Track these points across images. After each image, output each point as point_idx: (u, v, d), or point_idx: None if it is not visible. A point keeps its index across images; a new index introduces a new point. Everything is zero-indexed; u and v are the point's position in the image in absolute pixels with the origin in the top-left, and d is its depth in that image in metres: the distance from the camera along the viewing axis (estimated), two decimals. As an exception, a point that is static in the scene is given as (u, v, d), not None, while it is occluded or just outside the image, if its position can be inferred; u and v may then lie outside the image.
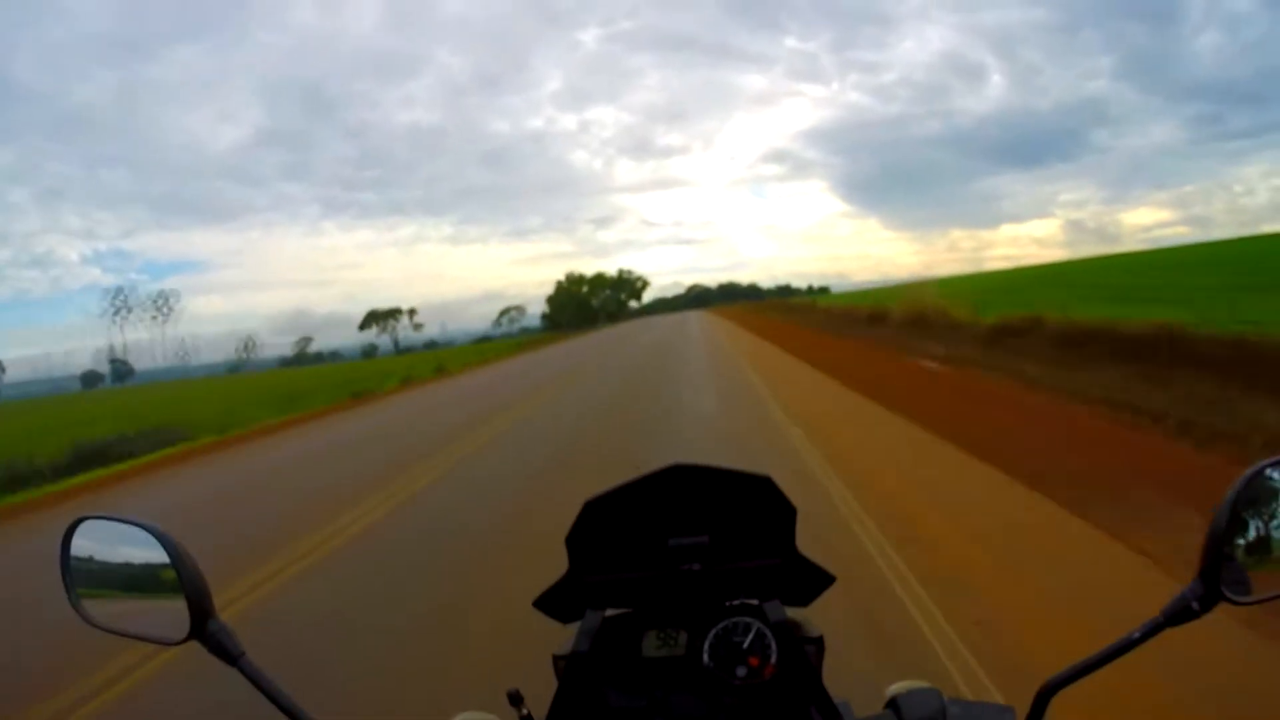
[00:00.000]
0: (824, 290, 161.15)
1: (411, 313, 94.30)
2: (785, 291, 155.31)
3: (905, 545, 3.66)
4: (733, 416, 8.73)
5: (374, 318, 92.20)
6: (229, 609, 3.71)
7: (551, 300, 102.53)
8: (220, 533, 5.74)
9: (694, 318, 59.77)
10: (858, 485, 4.85)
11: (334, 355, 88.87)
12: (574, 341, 45.54)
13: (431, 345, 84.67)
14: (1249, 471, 0.63)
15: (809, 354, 15.39)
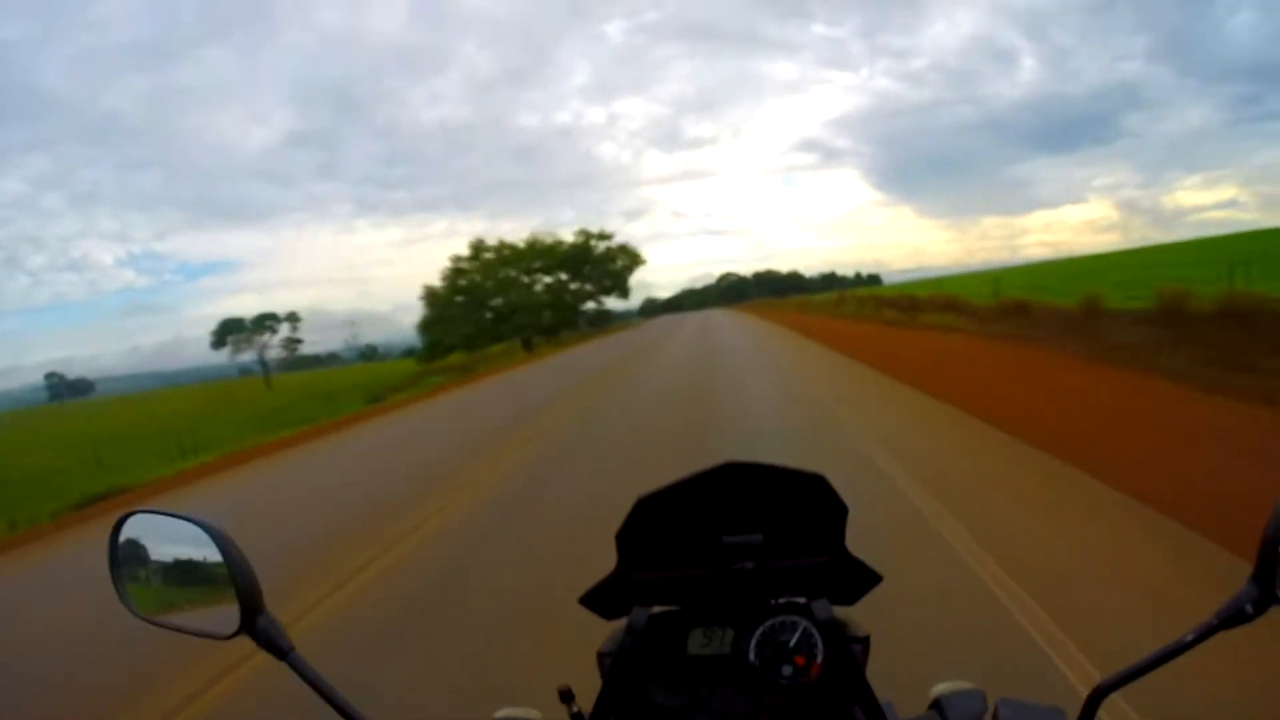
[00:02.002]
0: (874, 279, 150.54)
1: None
2: (830, 281, 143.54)
3: None
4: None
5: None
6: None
7: (437, 297, 50.40)
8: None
9: (722, 328, 33.86)
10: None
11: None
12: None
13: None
14: None
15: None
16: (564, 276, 55.87)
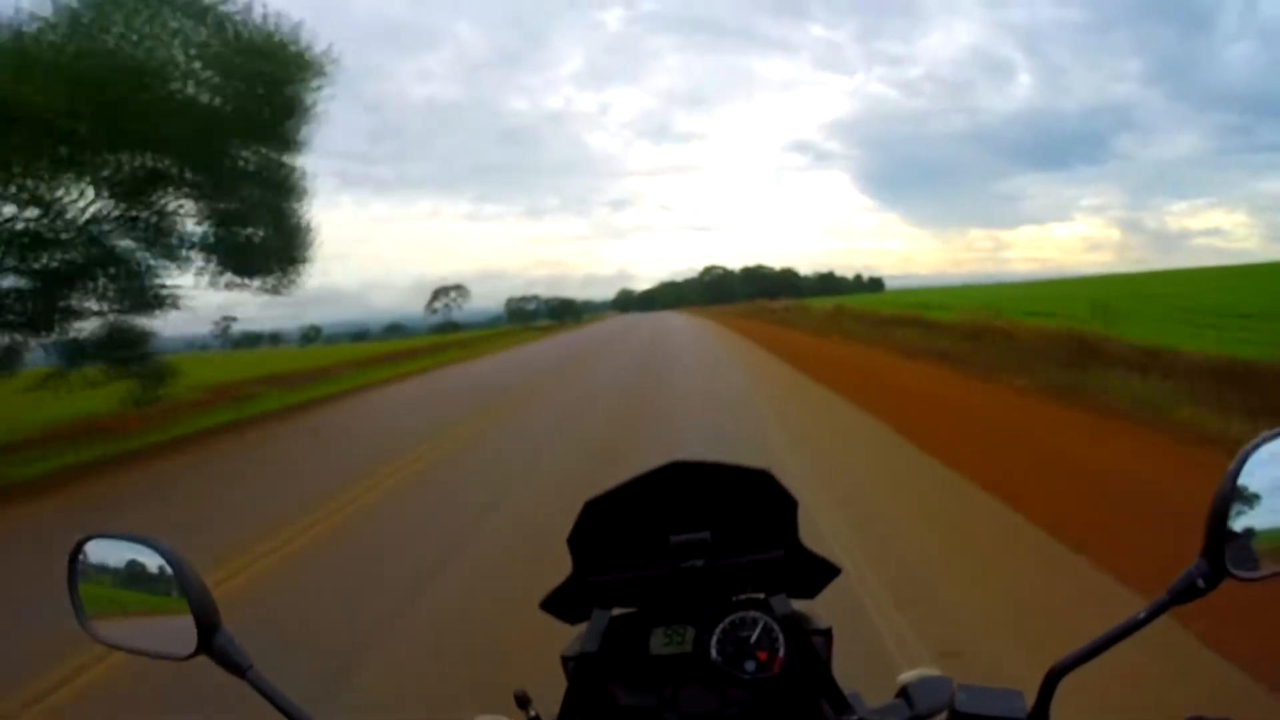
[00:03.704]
0: (876, 284, 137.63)
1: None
2: (828, 283, 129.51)
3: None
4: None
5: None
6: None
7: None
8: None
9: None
10: None
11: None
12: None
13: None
14: (1250, 445, 0.63)
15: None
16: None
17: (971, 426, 7.68)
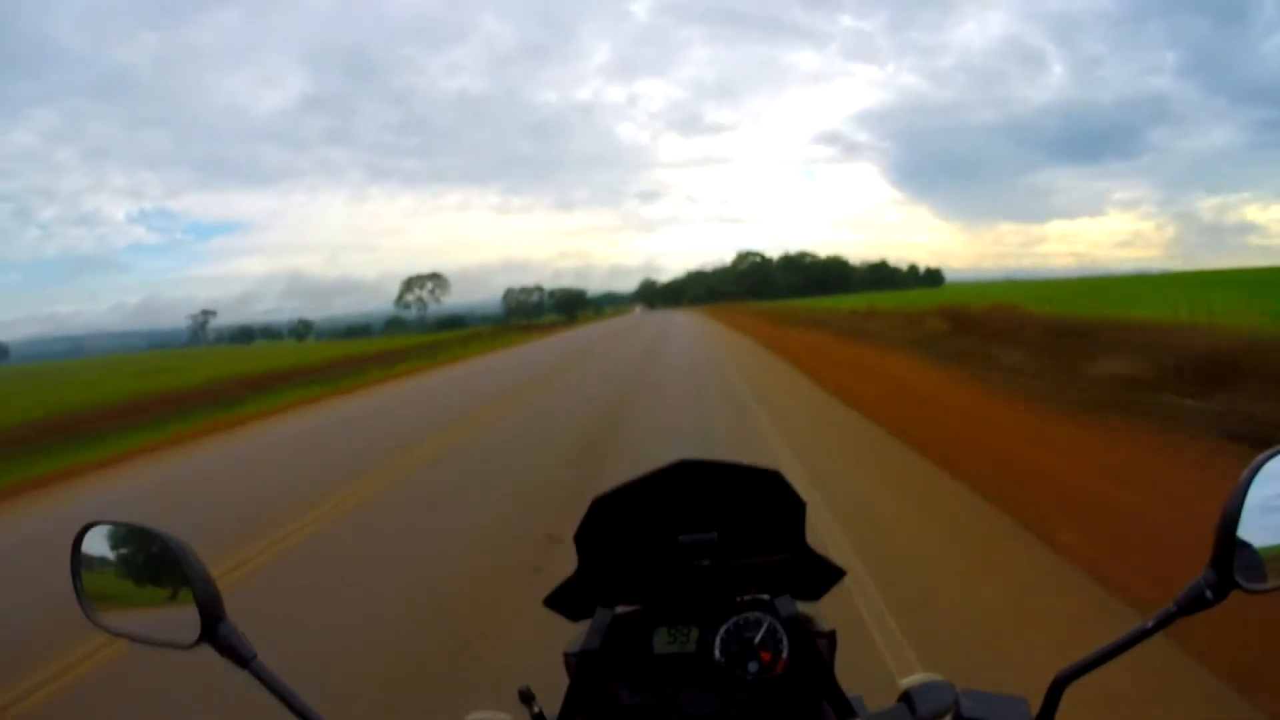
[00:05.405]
0: (934, 276, 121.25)
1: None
2: (881, 273, 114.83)
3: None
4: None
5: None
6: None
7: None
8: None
9: None
10: None
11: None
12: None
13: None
14: (1260, 457, 0.63)
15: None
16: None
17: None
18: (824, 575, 0.80)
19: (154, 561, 0.73)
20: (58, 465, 10.08)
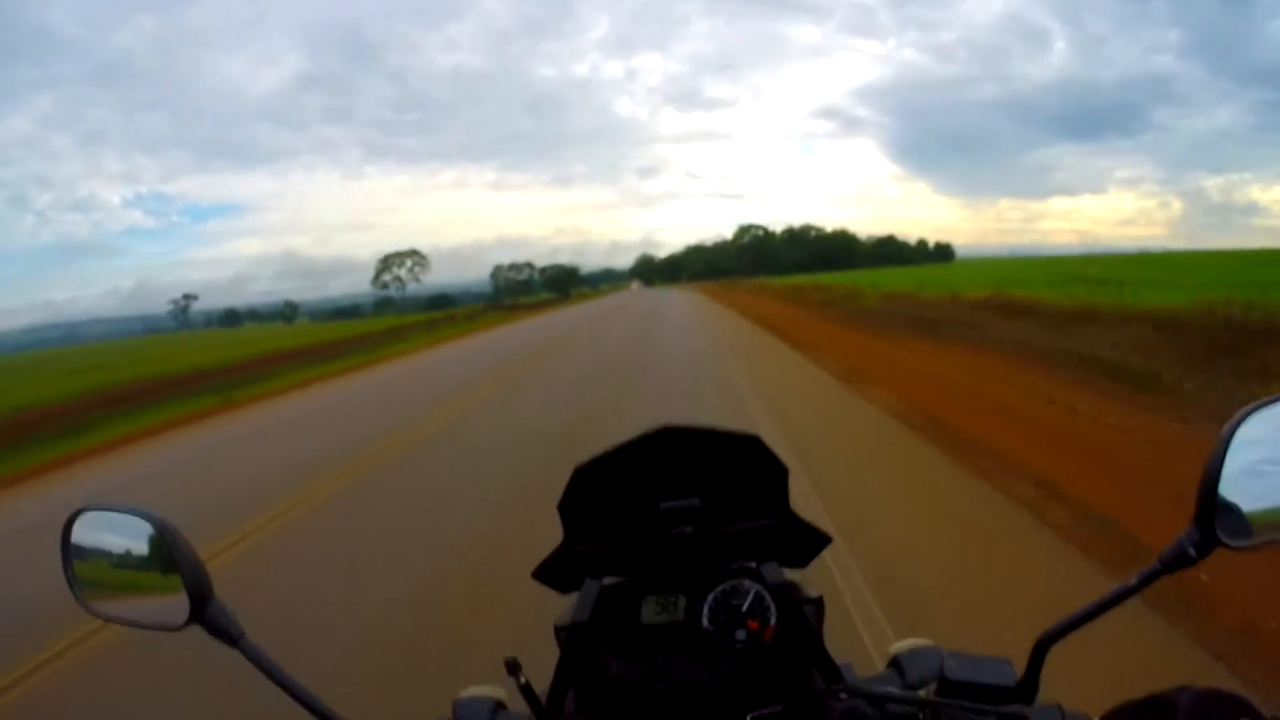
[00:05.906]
0: (944, 252, 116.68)
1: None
2: (888, 247, 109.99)
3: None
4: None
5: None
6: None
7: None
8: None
9: None
10: None
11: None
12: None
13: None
14: (1242, 412, 0.62)
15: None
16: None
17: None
18: (810, 542, 0.80)
19: (144, 545, 0.73)
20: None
